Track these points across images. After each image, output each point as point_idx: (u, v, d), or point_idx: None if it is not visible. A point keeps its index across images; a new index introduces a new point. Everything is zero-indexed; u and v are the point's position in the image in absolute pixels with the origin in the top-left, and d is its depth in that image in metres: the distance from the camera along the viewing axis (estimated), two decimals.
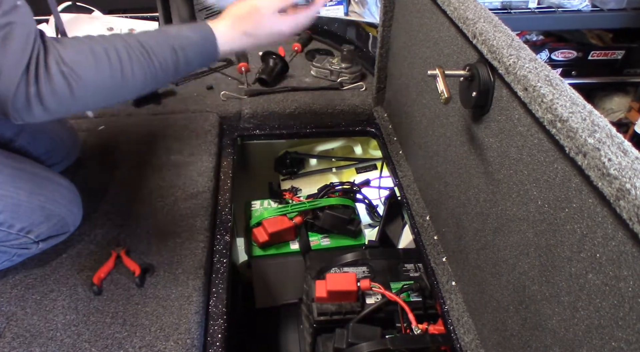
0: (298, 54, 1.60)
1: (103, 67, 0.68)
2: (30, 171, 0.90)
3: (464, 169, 0.82)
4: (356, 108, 1.36)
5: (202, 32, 0.78)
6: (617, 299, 0.46)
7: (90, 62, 0.67)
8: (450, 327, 0.84)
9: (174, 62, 0.75)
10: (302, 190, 1.46)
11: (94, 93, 0.69)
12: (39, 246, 0.90)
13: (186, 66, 0.77)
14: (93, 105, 0.78)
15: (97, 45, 0.68)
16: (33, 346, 0.78)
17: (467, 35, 0.73)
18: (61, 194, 0.91)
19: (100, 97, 0.71)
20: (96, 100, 0.71)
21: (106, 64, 0.68)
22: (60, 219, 0.90)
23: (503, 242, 0.69)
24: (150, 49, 0.72)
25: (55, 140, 1.05)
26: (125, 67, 0.70)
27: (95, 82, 0.68)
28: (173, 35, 0.75)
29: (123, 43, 0.70)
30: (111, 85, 0.70)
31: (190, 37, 0.77)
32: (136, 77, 0.71)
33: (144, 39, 0.72)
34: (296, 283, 1.31)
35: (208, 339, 0.84)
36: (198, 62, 0.80)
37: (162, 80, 0.76)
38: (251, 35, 0.82)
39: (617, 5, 1.51)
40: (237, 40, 0.82)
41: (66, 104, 0.67)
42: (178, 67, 0.76)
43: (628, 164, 0.43)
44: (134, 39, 0.72)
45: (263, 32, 0.82)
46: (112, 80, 0.69)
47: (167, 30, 0.77)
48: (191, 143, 1.22)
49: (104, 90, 0.70)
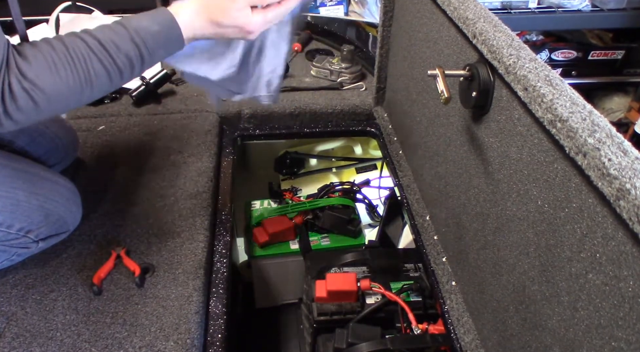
0: (298, 54, 1.60)
1: (65, 76, 0.68)
2: (28, 171, 0.90)
3: (464, 169, 0.82)
4: (356, 108, 1.36)
5: (165, 21, 0.75)
6: (617, 299, 0.46)
7: (52, 72, 0.67)
8: (450, 327, 0.84)
9: (137, 56, 0.73)
10: (302, 190, 1.46)
11: (59, 101, 0.69)
12: (38, 245, 0.90)
13: (150, 59, 0.75)
14: (62, 110, 0.78)
15: (57, 53, 0.68)
16: (33, 346, 0.78)
17: (467, 35, 0.73)
18: (60, 194, 0.92)
19: (66, 103, 0.71)
20: (63, 106, 0.72)
21: (68, 72, 0.68)
22: (59, 218, 0.90)
23: (503, 242, 0.69)
24: (111, 47, 0.71)
25: (54, 141, 1.05)
26: (88, 71, 0.69)
27: (59, 91, 0.68)
28: (134, 28, 0.73)
29: (83, 46, 0.69)
30: (75, 91, 0.70)
31: (152, 28, 0.74)
32: (100, 78, 0.71)
33: (104, 36, 0.71)
34: (296, 283, 1.31)
35: (208, 339, 0.84)
36: (162, 53, 0.77)
37: (128, 76, 0.75)
38: (218, 24, 0.77)
39: (617, 5, 1.51)
40: (202, 28, 0.77)
41: (34, 115, 0.68)
42: (143, 62, 0.75)
43: (628, 164, 0.43)
44: (94, 38, 0.70)
45: (231, 23, 0.77)
46: (76, 86, 0.69)
47: (127, 23, 0.73)
48: (191, 143, 1.22)
49: (69, 96, 0.70)
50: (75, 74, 0.69)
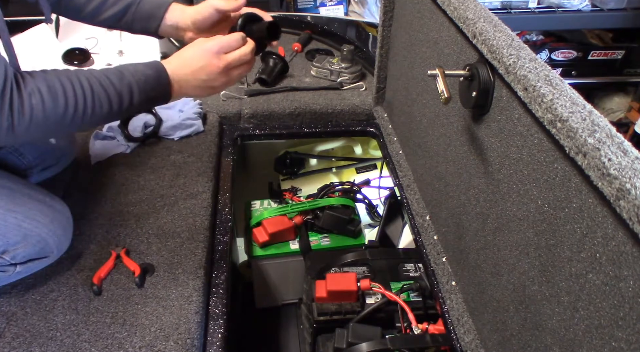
0: (298, 54, 1.60)
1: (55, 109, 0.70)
2: (6, 187, 0.84)
3: (464, 169, 0.82)
4: (356, 108, 1.36)
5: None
6: (617, 299, 0.46)
7: (41, 129, 0.69)
8: (450, 327, 0.84)
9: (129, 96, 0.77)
10: (302, 190, 1.46)
11: (40, 130, 0.71)
12: (16, 269, 0.84)
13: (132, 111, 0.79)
14: (42, 138, 0.83)
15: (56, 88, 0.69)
16: (33, 346, 0.78)
17: (467, 35, 0.73)
18: (43, 213, 0.85)
19: (48, 132, 0.76)
20: (42, 135, 0.75)
21: (61, 107, 0.70)
22: (41, 239, 0.84)
23: (503, 242, 0.69)
24: (108, 86, 0.74)
25: (49, 142, 1.04)
26: (84, 108, 0.72)
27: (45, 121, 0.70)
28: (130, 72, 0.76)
29: (86, 84, 0.72)
30: (62, 123, 0.72)
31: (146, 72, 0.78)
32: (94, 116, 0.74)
33: (100, 76, 0.74)
34: (296, 283, 1.31)
35: (208, 339, 0.84)
36: None
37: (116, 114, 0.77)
38: None
39: (617, 5, 1.52)
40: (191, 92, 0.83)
41: None
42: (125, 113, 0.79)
43: (628, 164, 0.43)
44: (92, 77, 0.73)
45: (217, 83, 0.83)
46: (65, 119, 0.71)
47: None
48: (191, 143, 1.22)
49: (54, 128, 0.72)
50: (69, 108, 0.70)
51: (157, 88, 0.78)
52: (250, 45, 0.83)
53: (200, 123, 1.26)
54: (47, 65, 0.73)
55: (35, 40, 1.46)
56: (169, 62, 0.81)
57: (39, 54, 1.43)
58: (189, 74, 0.80)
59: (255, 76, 1.43)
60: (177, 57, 0.82)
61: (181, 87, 0.81)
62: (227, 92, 1.37)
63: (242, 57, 0.82)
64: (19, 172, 1.00)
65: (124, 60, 1.45)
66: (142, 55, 1.49)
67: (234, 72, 0.83)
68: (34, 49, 1.44)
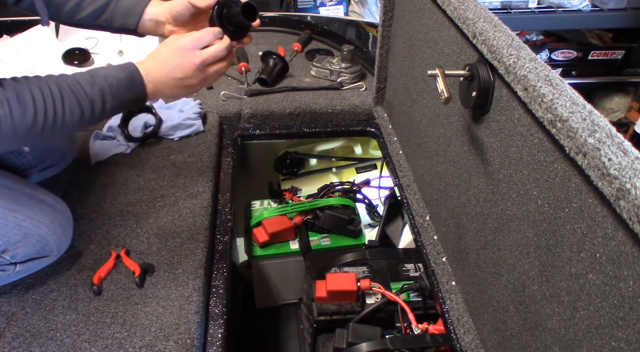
0: (298, 54, 1.60)
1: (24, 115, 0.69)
2: (6, 186, 0.84)
3: (464, 169, 0.82)
4: (356, 108, 1.36)
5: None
6: (617, 299, 0.46)
7: None
8: (450, 327, 0.84)
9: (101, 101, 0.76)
10: (302, 190, 1.46)
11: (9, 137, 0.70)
12: (16, 268, 0.83)
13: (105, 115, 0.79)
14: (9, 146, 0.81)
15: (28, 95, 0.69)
16: (33, 346, 0.78)
17: (467, 35, 0.73)
18: (43, 213, 0.84)
19: (17, 141, 0.72)
20: (11, 144, 0.74)
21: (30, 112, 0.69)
22: (41, 239, 0.83)
23: (503, 242, 0.69)
24: (79, 91, 0.73)
25: (45, 143, 1.03)
26: (54, 114, 0.71)
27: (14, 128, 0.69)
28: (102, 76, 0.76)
29: (56, 90, 0.71)
30: (33, 130, 0.71)
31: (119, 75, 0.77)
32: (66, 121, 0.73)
33: (71, 81, 0.73)
34: (296, 283, 1.31)
35: (208, 339, 0.84)
36: None
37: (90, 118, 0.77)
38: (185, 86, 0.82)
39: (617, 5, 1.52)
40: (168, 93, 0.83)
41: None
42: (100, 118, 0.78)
43: (628, 164, 0.43)
44: (63, 82, 0.72)
45: None
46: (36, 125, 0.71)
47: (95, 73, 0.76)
48: (191, 143, 1.22)
49: (24, 134, 0.71)
50: (40, 115, 0.70)
51: (131, 91, 0.77)
52: (226, 41, 0.82)
53: (200, 123, 1.26)
54: (47, 66, 0.73)
55: (35, 40, 1.46)
56: (142, 63, 0.80)
57: (38, 54, 1.43)
58: (164, 74, 0.79)
59: (255, 76, 1.43)
60: (150, 57, 0.81)
61: (156, 88, 0.80)
62: (227, 92, 1.37)
63: (217, 52, 0.80)
64: (19, 172, 1.00)
65: (124, 60, 1.45)
66: (143, 55, 1.49)
67: (210, 69, 0.82)
68: (33, 49, 1.44)
